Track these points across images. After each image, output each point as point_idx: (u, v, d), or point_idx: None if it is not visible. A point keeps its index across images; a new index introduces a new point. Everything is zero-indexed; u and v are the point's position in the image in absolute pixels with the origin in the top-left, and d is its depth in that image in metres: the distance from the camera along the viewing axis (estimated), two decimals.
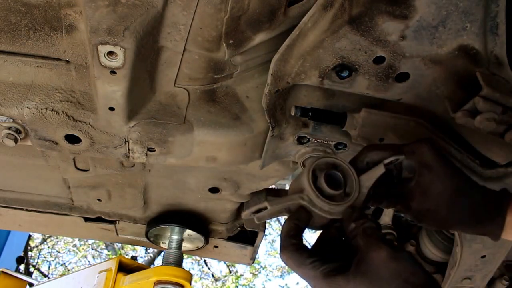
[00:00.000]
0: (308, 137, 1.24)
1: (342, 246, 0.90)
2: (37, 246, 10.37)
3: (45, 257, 10.66)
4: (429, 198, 0.92)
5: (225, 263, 10.43)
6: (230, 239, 2.02)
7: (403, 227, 1.83)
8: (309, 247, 0.90)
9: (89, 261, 10.43)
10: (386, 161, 0.95)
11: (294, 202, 0.91)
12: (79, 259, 10.57)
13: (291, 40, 0.96)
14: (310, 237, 9.05)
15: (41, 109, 1.14)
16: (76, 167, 1.51)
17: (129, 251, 10.02)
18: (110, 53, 1.00)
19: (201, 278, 10.90)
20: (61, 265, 10.59)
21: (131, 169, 1.51)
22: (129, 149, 1.23)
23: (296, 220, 0.90)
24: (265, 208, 0.93)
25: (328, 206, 0.90)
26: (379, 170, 0.94)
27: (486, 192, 0.94)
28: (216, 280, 11.06)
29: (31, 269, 9.52)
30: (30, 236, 8.59)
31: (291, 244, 0.88)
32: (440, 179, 0.91)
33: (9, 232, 6.59)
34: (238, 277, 10.92)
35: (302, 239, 0.90)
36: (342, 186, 0.92)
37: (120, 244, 9.44)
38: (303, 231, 0.91)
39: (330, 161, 0.94)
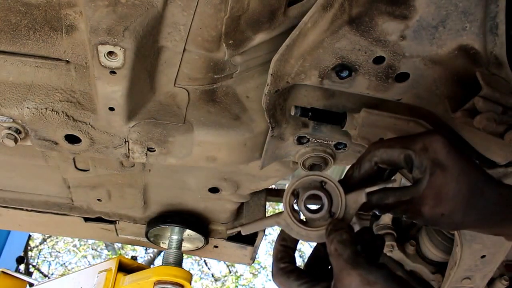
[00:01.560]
0: (308, 137, 1.24)
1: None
2: (37, 246, 10.37)
3: (45, 257, 10.66)
4: (443, 202, 0.83)
5: (225, 263, 10.43)
6: (230, 239, 2.02)
7: (403, 227, 1.83)
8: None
9: (89, 261, 10.44)
10: (368, 190, 0.85)
11: (270, 225, 0.89)
12: (79, 259, 10.57)
13: (291, 40, 0.96)
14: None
15: (41, 109, 1.14)
16: (76, 167, 1.51)
17: (129, 251, 10.02)
18: (110, 53, 1.00)
19: (201, 278, 10.90)
20: (61, 265, 10.60)
21: (131, 169, 1.51)
22: (129, 149, 1.23)
23: (282, 241, 0.87)
24: (239, 231, 0.91)
25: (304, 232, 0.85)
26: (361, 197, 0.85)
27: (502, 189, 0.86)
28: (216, 280, 11.06)
29: (31, 269, 9.52)
30: (30, 236, 8.58)
31: (279, 269, 0.85)
32: (456, 179, 0.82)
33: (9, 232, 6.58)
34: (238, 277, 10.92)
35: (291, 260, 0.86)
36: (326, 207, 0.85)
37: (120, 244, 9.44)
38: (293, 250, 0.88)
39: (315, 179, 0.87)
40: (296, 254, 0.94)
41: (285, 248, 0.87)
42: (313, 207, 0.87)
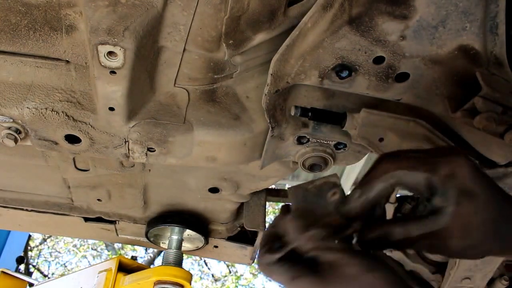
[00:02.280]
0: (308, 137, 1.24)
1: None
2: (37, 246, 10.37)
3: (45, 257, 10.66)
4: (471, 233, 0.75)
5: (225, 263, 10.43)
6: (230, 239, 2.02)
7: None
8: None
9: (89, 261, 10.44)
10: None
11: None
12: (79, 259, 10.57)
13: (291, 40, 0.96)
14: None
15: (41, 109, 1.14)
16: (76, 167, 1.51)
17: (129, 251, 10.02)
18: (110, 53, 1.00)
19: (201, 278, 10.90)
20: (61, 265, 10.60)
21: (131, 169, 1.51)
22: (129, 149, 1.23)
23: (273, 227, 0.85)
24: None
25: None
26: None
27: None
28: (216, 280, 11.06)
29: (31, 269, 9.52)
30: (30, 236, 8.58)
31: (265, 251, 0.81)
32: (485, 208, 0.74)
33: (9, 232, 6.58)
34: (238, 277, 10.92)
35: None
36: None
37: (120, 244, 9.44)
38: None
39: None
40: None
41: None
42: None
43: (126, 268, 2.02)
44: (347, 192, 0.82)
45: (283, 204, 0.87)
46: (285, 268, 0.78)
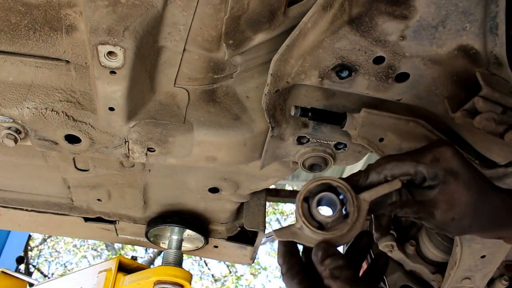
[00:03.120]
0: (308, 137, 1.24)
1: None
2: (37, 246, 10.38)
3: (45, 257, 10.66)
4: (454, 208, 0.87)
5: (225, 263, 10.43)
6: (230, 239, 2.02)
7: (403, 227, 1.83)
8: None
9: (89, 261, 10.44)
10: (376, 190, 0.88)
11: (287, 238, 0.89)
12: (79, 260, 10.57)
13: (291, 40, 0.96)
14: None
15: (41, 109, 1.14)
16: (76, 167, 1.51)
17: (129, 251, 10.02)
18: (110, 53, 1.00)
19: (201, 278, 10.90)
20: (61, 265, 10.60)
21: (131, 169, 1.51)
22: (129, 149, 1.23)
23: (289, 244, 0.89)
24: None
25: (322, 237, 0.85)
26: (383, 190, 0.88)
27: (504, 194, 0.90)
28: (216, 280, 11.06)
29: (31, 269, 9.52)
30: (30, 236, 8.58)
31: (285, 270, 0.86)
32: (467, 186, 0.86)
33: (9, 232, 6.58)
34: (238, 278, 10.92)
35: (297, 261, 0.88)
36: (339, 208, 0.86)
37: (120, 244, 9.44)
38: (298, 251, 0.90)
39: (323, 183, 0.87)
40: None
41: (288, 253, 0.87)
42: (325, 211, 0.88)
43: (126, 268, 2.01)
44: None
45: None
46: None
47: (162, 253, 2.00)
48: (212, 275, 11.10)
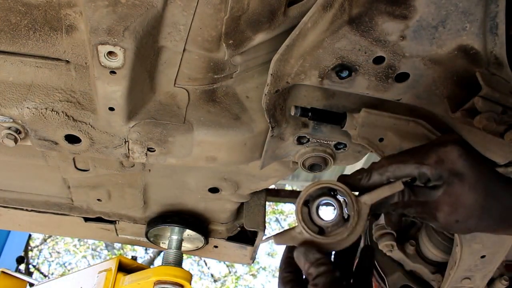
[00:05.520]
0: (308, 137, 1.24)
1: None
2: (37, 246, 10.38)
3: (45, 257, 10.66)
4: (458, 210, 0.85)
5: (224, 263, 10.43)
6: (230, 239, 2.02)
7: (403, 227, 1.83)
8: None
9: (89, 261, 10.44)
10: (377, 192, 0.86)
11: (287, 243, 0.90)
12: (79, 260, 10.57)
13: (291, 40, 0.96)
14: None
15: (41, 109, 1.14)
16: (76, 167, 1.51)
17: (129, 251, 10.02)
18: (110, 53, 1.00)
19: (201, 278, 10.90)
20: (61, 265, 10.60)
21: (131, 169, 1.51)
22: (129, 149, 1.23)
23: (289, 252, 0.90)
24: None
25: (323, 241, 0.85)
26: (383, 192, 0.87)
27: None
28: (215, 280, 11.06)
29: (31, 269, 9.52)
30: (30, 236, 8.58)
31: (281, 277, 0.89)
32: (473, 188, 0.84)
33: (9, 232, 6.58)
34: (237, 278, 10.92)
35: (292, 270, 0.88)
36: (339, 212, 0.86)
37: (120, 244, 9.44)
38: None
39: (322, 187, 0.87)
40: None
41: (289, 259, 0.88)
42: (325, 215, 0.88)
43: (126, 268, 2.01)
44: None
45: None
46: None
47: (162, 253, 2.00)
48: (212, 275, 11.10)
